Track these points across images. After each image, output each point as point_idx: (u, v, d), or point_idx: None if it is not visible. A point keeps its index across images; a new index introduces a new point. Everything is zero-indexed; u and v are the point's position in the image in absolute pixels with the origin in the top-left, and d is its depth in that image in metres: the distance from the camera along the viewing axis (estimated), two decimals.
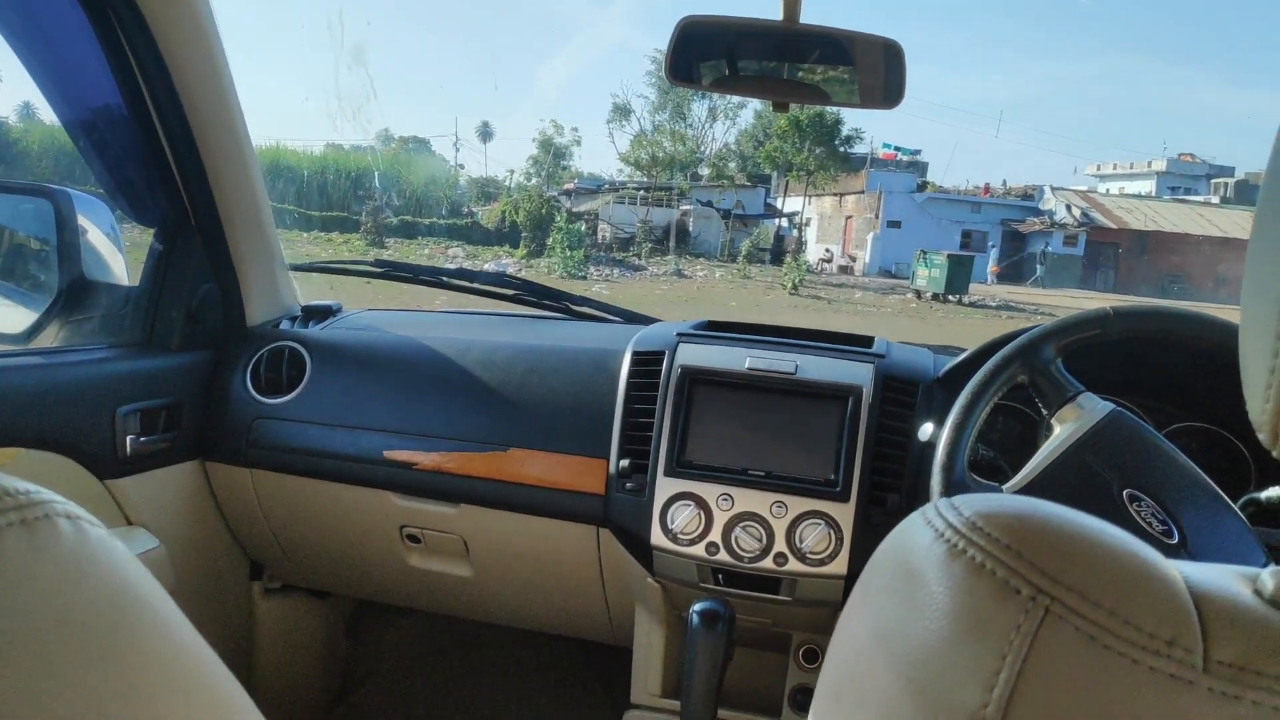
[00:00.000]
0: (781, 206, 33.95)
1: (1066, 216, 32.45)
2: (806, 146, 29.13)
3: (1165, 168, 42.09)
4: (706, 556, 1.37)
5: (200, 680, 0.43)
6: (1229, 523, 1.03)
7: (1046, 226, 31.64)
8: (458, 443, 1.52)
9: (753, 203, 32.93)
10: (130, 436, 1.47)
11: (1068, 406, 1.13)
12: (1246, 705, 0.35)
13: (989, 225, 31.92)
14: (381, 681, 2.21)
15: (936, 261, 21.88)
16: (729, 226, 30.50)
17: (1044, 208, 33.67)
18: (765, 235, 31.06)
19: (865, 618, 0.47)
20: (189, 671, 0.42)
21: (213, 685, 0.44)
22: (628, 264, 25.30)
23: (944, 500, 0.45)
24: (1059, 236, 31.35)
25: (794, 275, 21.66)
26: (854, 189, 32.49)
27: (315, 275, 2.03)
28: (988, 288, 26.26)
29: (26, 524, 0.37)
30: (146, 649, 0.40)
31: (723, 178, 34.07)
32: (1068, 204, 33.31)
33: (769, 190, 35.11)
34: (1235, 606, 0.38)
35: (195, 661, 0.43)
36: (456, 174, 37.81)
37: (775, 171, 32.95)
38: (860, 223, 32.07)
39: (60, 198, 1.60)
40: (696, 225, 30.95)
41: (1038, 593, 0.38)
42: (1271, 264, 0.38)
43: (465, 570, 1.64)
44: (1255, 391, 0.39)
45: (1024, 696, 0.37)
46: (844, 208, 33.07)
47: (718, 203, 31.59)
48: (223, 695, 0.44)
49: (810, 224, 34.22)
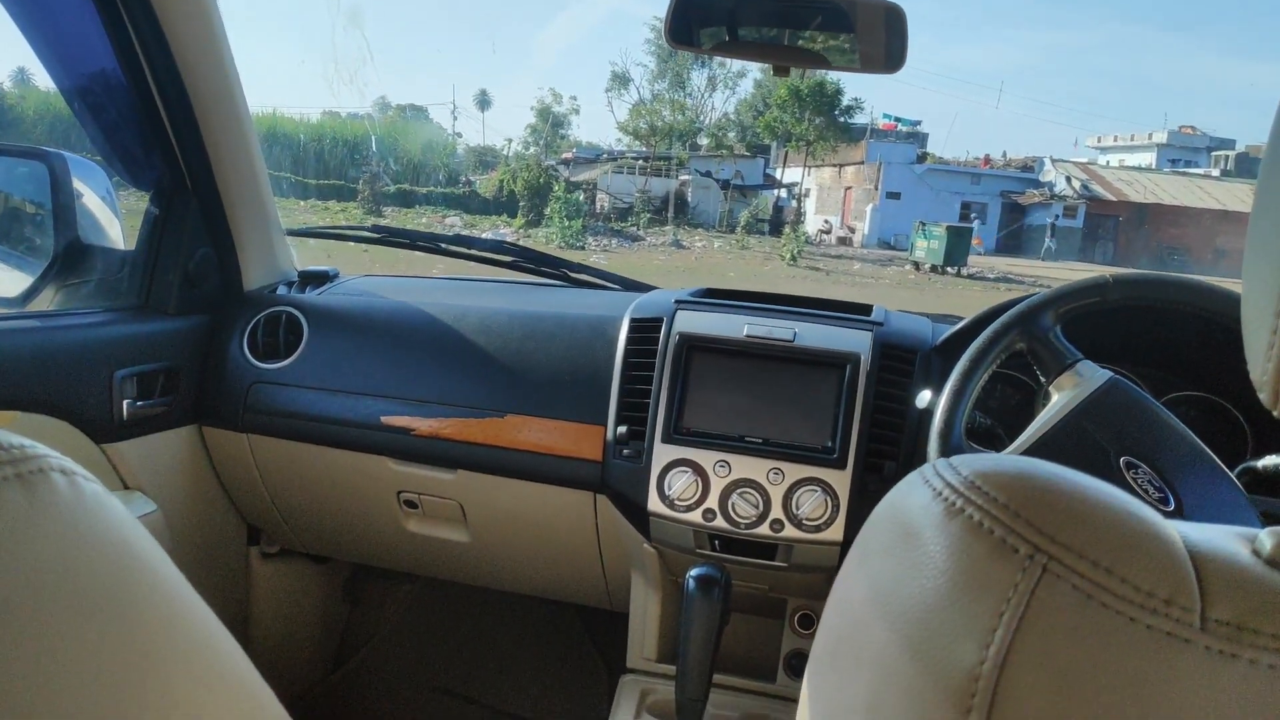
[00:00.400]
0: (781, 177, 33.82)
1: (1066, 189, 32.37)
2: (806, 116, 28.99)
3: (1166, 140, 41.93)
4: (703, 522, 1.37)
5: (198, 637, 0.43)
6: (1225, 491, 1.03)
7: (1046, 198, 31.56)
8: (455, 408, 1.52)
9: (752, 173, 32.80)
10: (127, 400, 1.47)
11: (1066, 374, 1.13)
12: (1243, 663, 0.35)
13: (988, 197, 31.83)
14: (379, 646, 2.23)
15: (935, 233, 21.83)
16: (728, 197, 30.40)
17: (1044, 180, 33.55)
18: (764, 206, 30.97)
19: (862, 578, 0.47)
20: (187, 628, 0.42)
21: (211, 642, 0.44)
22: (626, 234, 25.23)
23: (942, 460, 0.45)
24: (1058, 209, 31.27)
25: (792, 246, 21.62)
26: (853, 160, 32.36)
27: (312, 242, 2.02)
28: (986, 259, 26.21)
29: (22, 478, 0.37)
30: (144, 603, 0.40)
31: (722, 148, 33.90)
32: (1068, 176, 33.22)
33: (768, 161, 34.98)
34: (1233, 566, 0.38)
35: (193, 619, 0.43)
36: (454, 142, 37.62)
37: (775, 142, 32.84)
38: (859, 194, 31.96)
39: (55, 160, 1.59)
40: (695, 195, 30.83)
41: (1035, 551, 0.38)
42: (1275, 223, 0.38)
43: (462, 535, 1.65)
44: (1256, 352, 0.39)
45: (1020, 654, 0.37)
46: (843, 179, 32.95)
47: (717, 173, 31.46)
48: (222, 653, 0.44)
49: (809, 195, 34.11)
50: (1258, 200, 0.40)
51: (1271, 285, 0.38)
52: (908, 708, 0.40)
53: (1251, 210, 0.41)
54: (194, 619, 0.43)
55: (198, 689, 0.41)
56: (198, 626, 0.43)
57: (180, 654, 0.41)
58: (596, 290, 1.81)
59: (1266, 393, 0.39)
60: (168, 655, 0.40)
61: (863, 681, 0.43)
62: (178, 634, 0.41)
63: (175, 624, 0.41)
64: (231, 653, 0.45)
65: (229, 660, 0.44)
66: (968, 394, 1.16)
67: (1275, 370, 0.38)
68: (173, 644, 0.40)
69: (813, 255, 23.48)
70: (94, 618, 0.37)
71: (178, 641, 0.41)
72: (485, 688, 2.15)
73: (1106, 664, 0.36)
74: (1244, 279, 0.41)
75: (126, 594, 0.39)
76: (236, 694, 0.44)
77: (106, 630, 0.37)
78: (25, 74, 20.88)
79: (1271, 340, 0.38)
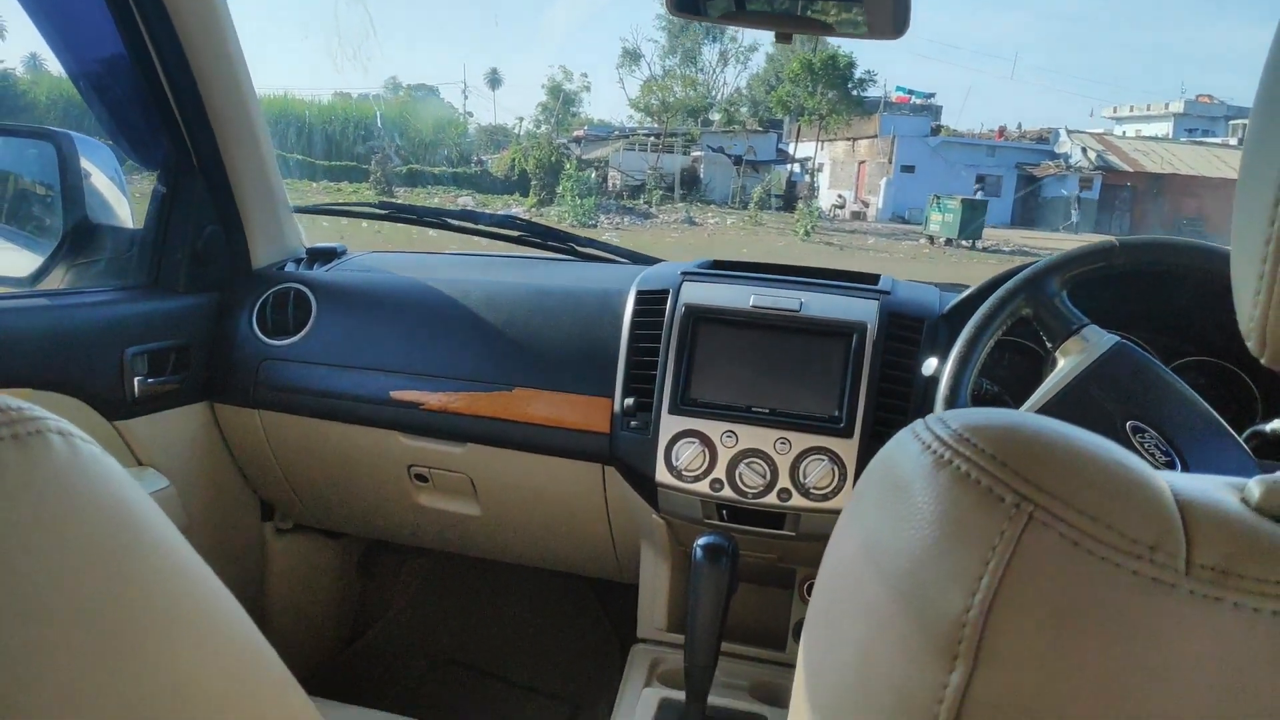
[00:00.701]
0: (794, 152, 33.59)
1: (1082, 160, 32.02)
2: (819, 90, 28.76)
3: (1183, 109, 41.37)
4: (711, 493, 1.38)
5: (198, 595, 0.43)
6: (1233, 455, 1.03)
7: (1061, 170, 31.24)
8: (463, 382, 1.53)
9: (765, 148, 32.57)
10: (138, 378, 1.48)
11: (1072, 339, 1.13)
12: (1227, 607, 0.35)
13: (1003, 169, 31.52)
14: (394, 620, 2.25)
15: (950, 206, 21.67)
16: (740, 173, 30.23)
17: (1059, 151, 33.19)
18: (777, 181, 30.76)
19: (854, 532, 0.47)
20: (187, 586, 0.43)
21: (212, 601, 0.44)
22: (638, 211, 25.16)
23: (933, 416, 0.45)
24: (1074, 180, 30.96)
25: (806, 222, 21.51)
26: (867, 133, 32.09)
27: (325, 224, 2.02)
28: (1002, 232, 25.99)
29: (18, 439, 0.37)
30: (141, 561, 0.40)
31: (734, 123, 33.68)
32: (1083, 147, 32.84)
33: (781, 136, 34.70)
34: (1221, 513, 0.38)
35: (192, 578, 0.43)
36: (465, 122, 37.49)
37: (787, 116, 32.56)
38: (873, 167, 31.71)
39: (63, 140, 1.60)
40: (708, 172, 30.66)
41: (1022, 500, 0.38)
42: (1263, 170, 0.38)
43: (473, 509, 1.66)
44: (1244, 298, 0.39)
45: (1006, 601, 0.37)
46: (857, 152, 32.69)
47: (729, 149, 31.26)
48: (222, 612, 0.45)
49: (823, 169, 33.87)
50: (1246, 146, 0.40)
51: (1258, 232, 0.38)
52: (897, 657, 0.40)
53: (1241, 156, 0.41)
54: (193, 578, 0.43)
55: (198, 646, 0.41)
56: (198, 585, 0.43)
57: (180, 612, 0.41)
58: (603, 264, 1.81)
59: (1254, 340, 0.39)
60: (166, 612, 0.40)
61: (854, 633, 0.44)
62: (177, 592, 0.42)
63: (173, 582, 0.42)
64: (232, 611, 0.45)
65: (230, 619, 0.45)
66: (973, 360, 1.16)
67: (1262, 317, 0.38)
68: (172, 601, 0.41)
69: (826, 230, 23.36)
70: (89, 574, 0.37)
71: (178, 599, 0.41)
72: (499, 660, 2.17)
73: (1091, 609, 0.36)
74: (1233, 228, 0.41)
75: (123, 551, 0.39)
76: (239, 652, 0.44)
77: (103, 586, 0.37)
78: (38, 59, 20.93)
79: (1258, 286, 0.38)
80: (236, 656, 0.44)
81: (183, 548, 0.44)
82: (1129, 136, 36.96)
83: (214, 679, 0.42)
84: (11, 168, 1.72)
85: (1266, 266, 0.37)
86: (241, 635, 0.45)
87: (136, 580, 0.39)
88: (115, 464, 0.42)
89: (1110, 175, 31.44)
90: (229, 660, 0.43)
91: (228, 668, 0.43)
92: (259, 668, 0.46)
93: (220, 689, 0.42)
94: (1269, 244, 0.37)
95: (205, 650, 0.42)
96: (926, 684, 0.39)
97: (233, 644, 0.44)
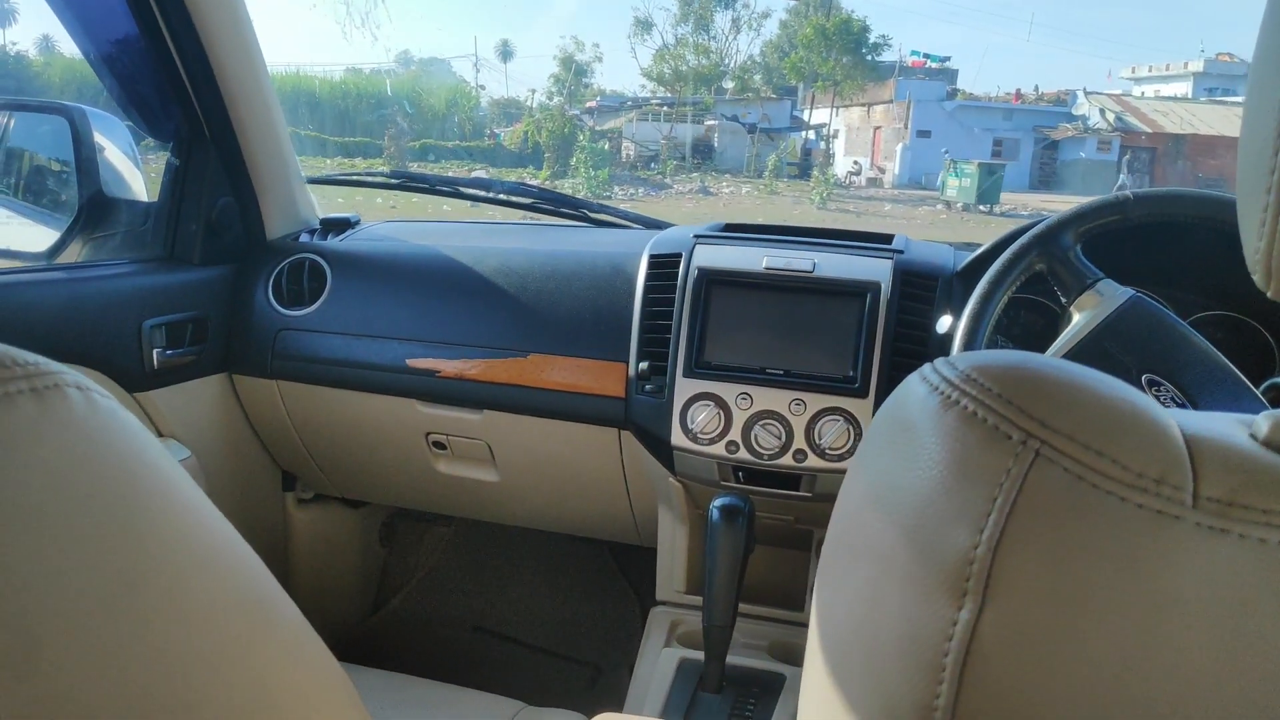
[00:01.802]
0: (808, 119, 33.31)
1: (1100, 121, 31.60)
2: (833, 56, 28.50)
3: (1202, 69, 40.69)
4: (726, 455, 1.38)
5: (215, 545, 0.44)
6: (1250, 407, 1.02)
7: (1080, 132, 30.85)
8: (479, 349, 1.53)
9: (779, 116, 32.31)
10: (157, 350, 1.49)
11: (1087, 293, 1.12)
12: (1233, 538, 0.35)
13: (1021, 133, 31.13)
14: (417, 588, 2.27)
15: (967, 171, 21.43)
16: (755, 141, 30.01)
17: (1077, 113, 32.76)
18: (792, 148, 30.52)
19: (863, 475, 0.48)
20: (204, 536, 0.43)
21: (228, 550, 0.45)
22: (652, 182, 25.02)
23: (941, 359, 0.45)
24: (1092, 143, 30.58)
25: (822, 189, 21.35)
26: (882, 99, 31.75)
27: (335, 198, 2.02)
28: (1020, 197, 25.72)
29: (37, 392, 0.37)
30: (157, 511, 0.40)
31: (747, 91, 33.44)
32: (1101, 109, 32.40)
33: (795, 103, 34.40)
34: (1228, 447, 0.38)
35: (209, 528, 0.44)
36: (478, 95, 37.30)
37: (801, 83, 32.30)
38: (889, 133, 31.40)
39: (76, 114, 1.61)
40: (722, 140, 30.44)
41: (1028, 437, 0.38)
42: (1267, 101, 0.38)
43: (492, 475, 1.67)
44: (1250, 230, 0.39)
45: (1013, 536, 0.38)
46: (872, 118, 32.37)
47: (743, 117, 31.04)
48: (238, 559, 0.45)
49: (838, 136, 33.59)
50: (1251, 75, 0.40)
51: (1263, 164, 0.38)
52: (906, 595, 0.41)
53: (1247, 82, 0.40)
54: (210, 529, 0.44)
55: (213, 594, 0.41)
56: (215, 536, 0.44)
57: (195, 560, 0.41)
58: (616, 229, 1.81)
59: (1259, 273, 0.39)
60: (182, 562, 0.40)
61: (864, 574, 0.44)
62: (193, 542, 0.42)
63: (190, 532, 0.42)
64: (254, 566, 0.46)
65: (245, 568, 0.45)
66: (987, 316, 1.15)
67: (1267, 249, 0.38)
68: (188, 551, 0.41)
69: (842, 197, 23.15)
70: (106, 522, 0.37)
71: (193, 549, 0.42)
72: (521, 626, 2.19)
73: (1097, 542, 0.37)
74: (1239, 160, 0.41)
75: (140, 501, 0.39)
76: (255, 601, 0.45)
77: (118, 535, 0.37)
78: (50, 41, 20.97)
79: (1263, 218, 0.38)
80: (252, 605, 0.44)
81: (203, 503, 0.44)
82: (1148, 97, 36.43)
83: (235, 632, 0.42)
84: (26, 143, 1.73)
85: (1271, 197, 0.37)
86: (256, 584, 0.46)
87: (150, 529, 0.39)
88: (133, 419, 0.42)
89: (1129, 136, 31.03)
90: (243, 607, 0.44)
91: (242, 614, 0.43)
92: (275, 616, 0.46)
93: (243, 642, 0.42)
94: (1273, 174, 0.37)
95: (220, 596, 0.42)
96: (935, 621, 0.39)
97: (247, 593, 0.44)
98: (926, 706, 0.39)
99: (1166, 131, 31.24)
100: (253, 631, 0.43)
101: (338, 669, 0.50)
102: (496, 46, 44.91)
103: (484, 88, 40.64)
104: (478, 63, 47.45)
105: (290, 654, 0.46)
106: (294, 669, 0.46)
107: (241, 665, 0.42)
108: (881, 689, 0.41)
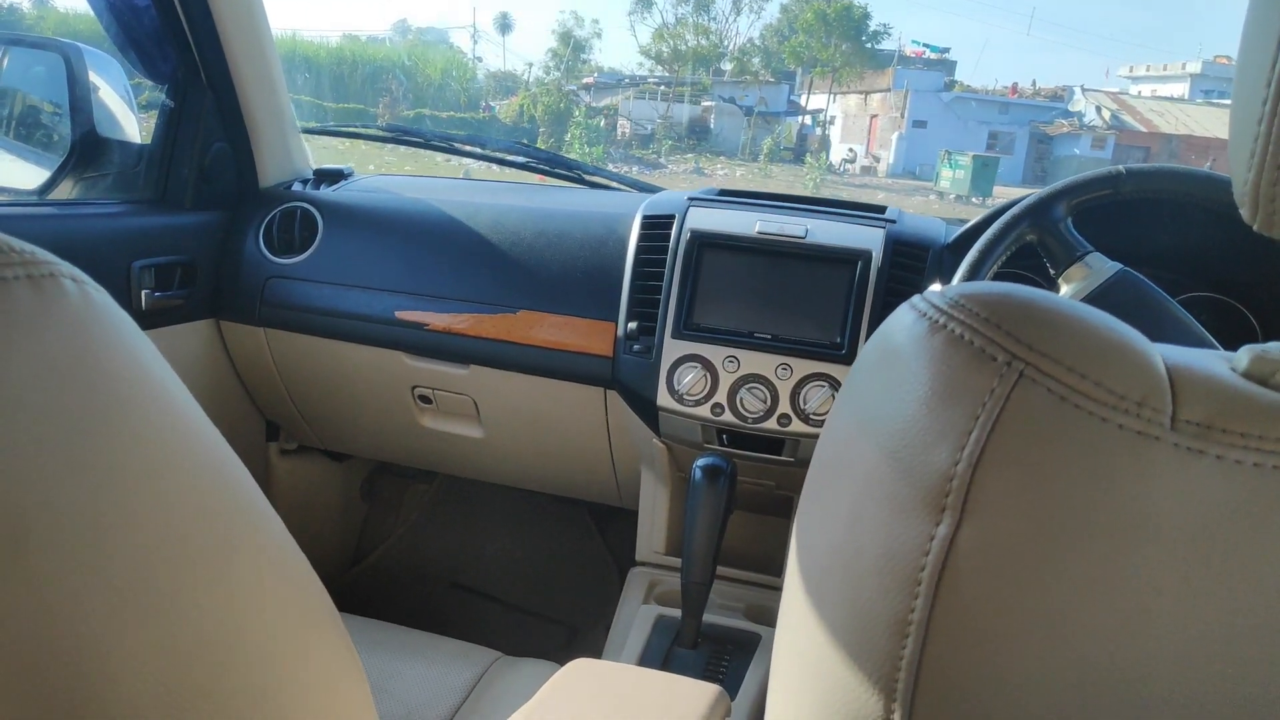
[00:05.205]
0: (805, 104, 33.23)
1: (1096, 119, 31.65)
2: (833, 42, 28.45)
3: (1200, 70, 40.72)
4: (711, 417, 1.39)
5: (206, 445, 0.44)
6: None
7: (1075, 129, 30.90)
8: (468, 304, 1.54)
9: (776, 100, 32.24)
10: (145, 291, 1.49)
11: (1075, 265, 1.13)
12: (1209, 459, 0.36)
13: (1017, 127, 31.15)
14: (397, 543, 2.28)
15: (961, 163, 21.47)
16: (751, 124, 29.94)
17: (1073, 110, 32.81)
18: (788, 133, 30.47)
19: (849, 402, 0.48)
20: (196, 435, 0.43)
21: (218, 453, 0.45)
22: (647, 161, 24.96)
23: (931, 290, 0.46)
24: (1087, 140, 30.61)
25: (814, 175, 21.33)
26: (880, 87, 31.71)
27: (326, 154, 2.01)
28: (1014, 190, 25.75)
29: (32, 279, 0.37)
30: (151, 407, 0.41)
31: (746, 73, 33.33)
32: (1098, 106, 32.44)
33: (793, 87, 34.32)
34: (1207, 375, 0.39)
35: (200, 430, 0.44)
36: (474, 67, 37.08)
37: (800, 68, 32.23)
38: (885, 122, 31.37)
39: (71, 52, 1.59)
40: (718, 122, 30.37)
41: (1013, 358, 0.39)
42: (1263, 32, 0.38)
43: (476, 431, 1.67)
44: (1239, 162, 0.40)
45: (993, 454, 0.38)
46: (869, 106, 32.32)
47: (740, 99, 30.95)
48: (228, 464, 0.46)
49: (834, 123, 33.53)
50: (1249, 14, 0.40)
51: (1255, 94, 0.38)
52: (885, 513, 0.41)
53: (1243, 25, 0.41)
54: (199, 431, 0.44)
55: (199, 494, 0.42)
56: (204, 438, 0.44)
57: (183, 459, 0.41)
58: (610, 191, 1.80)
59: (1246, 207, 0.40)
60: (171, 458, 0.40)
61: (845, 494, 0.45)
62: (188, 441, 0.42)
63: (183, 432, 0.42)
64: (232, 464, 0.46)
65: (230, 473, 0.45)
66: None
67: (1255, 180, 0.39)
68: (177, 448, 0.41)
69: (835, 185, 23.14)
70: (103, 416, 0.37)
71: (189, 446, 0.42)
72: (498, 584, 2.20)
73: (1076, 461, 0.37)
74: (1233, 94, 0.41)
75: (132, 394, 0.40)
76: (238, 506, 0.45)
77: (109, 426, 0.38)
78: None
79: (1253, 148, 0.38)
80: (240, 515, 0.44)
81: (192, 405, 0.45)
82: (1144, 96, 36.47)
83: (218, 533, 0.42)
84: (19, 80, 1.71)
85: (1262, 127, 0.38)
86: (246, 495, 0.46)
87: (145, 424, 0.40)
88: (126, 316, 0.42)
89: (1124, 135, 31.08)
90: (235, 511, 0.44)
91: (231, 524, 0.43)
92: (263, 526, 0.46)
93: (225, 543, 0.43)
94: (1265, 104, 0.37)
95: (212, 505, 0.42)
96: (913, 536, 0.40)
97: (238, 503, 0.45)
98: (901, 620, 0.40)
99: (1161, 131, 31.30)
100: (234, 534, 0.43)
101: (316, 580, 0.50)
102: (495, 19, 44.59)
103: (481, 60, 40.37)
104: (476, 34, 47.03)
105: (271, 560, 0.46)
106: (273, 573, 0.46)
107: (224, 564, 0.42)
108: (858, 603, 0.42)
